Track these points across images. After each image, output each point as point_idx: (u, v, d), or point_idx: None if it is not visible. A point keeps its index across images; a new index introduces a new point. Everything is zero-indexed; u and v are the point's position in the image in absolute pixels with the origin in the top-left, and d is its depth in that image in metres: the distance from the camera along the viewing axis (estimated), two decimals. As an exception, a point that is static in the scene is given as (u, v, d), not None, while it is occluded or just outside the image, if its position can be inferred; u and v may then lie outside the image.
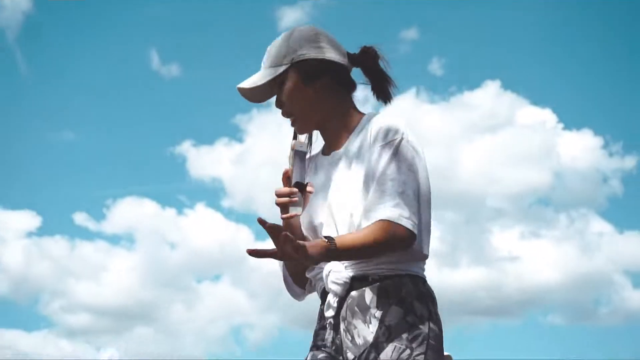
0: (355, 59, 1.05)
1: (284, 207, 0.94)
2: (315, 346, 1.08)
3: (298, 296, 1.20)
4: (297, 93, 1.03)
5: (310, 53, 1.02)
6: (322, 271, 1.04)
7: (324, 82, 1.02)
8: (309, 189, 1.01)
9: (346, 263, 1.01)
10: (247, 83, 1.06)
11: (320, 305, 1.12)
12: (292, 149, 0.99)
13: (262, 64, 1.08)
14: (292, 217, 0.96)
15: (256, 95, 1.09)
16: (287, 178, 0.97)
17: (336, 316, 1.05)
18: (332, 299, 1.03)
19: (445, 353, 1.05)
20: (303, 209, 0.99)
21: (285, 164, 1.00)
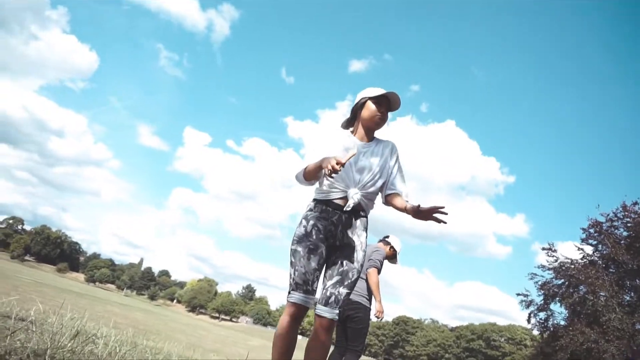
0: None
1: (333, 170, 1.80)
2: (314, 232, 2.04)
3: (304, 184, 2.11)
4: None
5: None
6: (347, 192, 2.05)
7: None
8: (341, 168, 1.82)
9: (360, 195, 2.05)
10: (397, 98, 2.15)
11: (329, 208, 2.09)
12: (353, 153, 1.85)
13: (394, 102, 2.18)
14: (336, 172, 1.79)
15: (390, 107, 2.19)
16: (339, 163, 1.80)
17: (339, 218, 2.07)
18: (348, 205, 2.00)
19: None
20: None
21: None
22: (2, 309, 2.99)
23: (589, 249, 20.87)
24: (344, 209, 2.05)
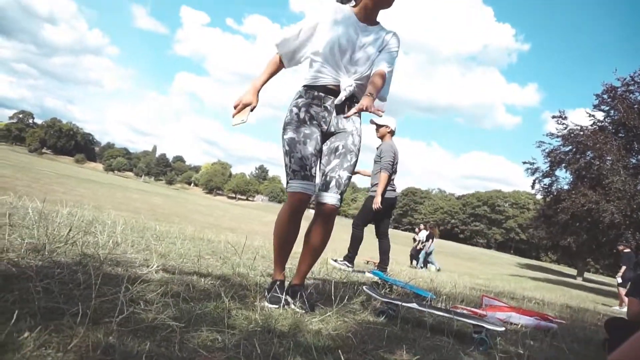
0: None
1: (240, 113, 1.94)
2: (307, 118, 1.92)
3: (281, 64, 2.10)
4: None
5: None
6: (338, 79, 1.92)
7: None
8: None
9: (354, 86, 1.90)
10: None
11: (320, 93, 1.95)
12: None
13: None
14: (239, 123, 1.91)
15: None
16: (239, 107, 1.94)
17: (332, 103, 1.95)
18: (340, 98, 1.89)
19: None
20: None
21: None
22: (16, 203, 3.06)
23: (600, 115, 20.78)
24: (335, 102, 1.92)
